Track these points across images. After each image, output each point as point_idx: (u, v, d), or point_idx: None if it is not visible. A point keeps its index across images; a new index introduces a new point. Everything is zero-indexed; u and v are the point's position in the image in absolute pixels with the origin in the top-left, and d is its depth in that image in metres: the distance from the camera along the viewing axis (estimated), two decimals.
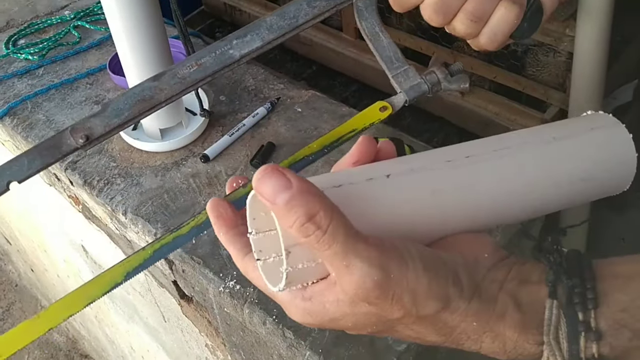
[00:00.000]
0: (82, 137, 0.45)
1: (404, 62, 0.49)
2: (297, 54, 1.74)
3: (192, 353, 1.04)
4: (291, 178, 0.35)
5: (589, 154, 0.43)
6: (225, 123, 0.97)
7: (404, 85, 0.49)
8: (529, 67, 1.37)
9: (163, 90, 0.46)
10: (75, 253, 1.25)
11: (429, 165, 0.41)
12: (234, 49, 0.47)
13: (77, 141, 0.45)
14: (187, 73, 0.46)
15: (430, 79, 0.49)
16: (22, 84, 1.10)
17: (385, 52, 0.50)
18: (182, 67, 0.46)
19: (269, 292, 0.39)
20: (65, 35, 1.19)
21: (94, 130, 0.45)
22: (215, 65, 0.47)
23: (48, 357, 1.90)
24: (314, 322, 0.38)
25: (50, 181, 1.06)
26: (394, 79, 0.49)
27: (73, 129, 0.45)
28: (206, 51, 0.47)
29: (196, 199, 0.86)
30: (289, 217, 0.34)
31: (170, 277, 0.87)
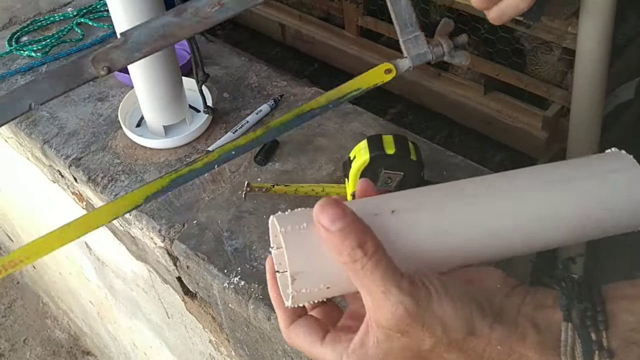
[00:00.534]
0: (104, 68, 0.46)
1: (417, 28, 0.51)
2: (299, 52, 1.74)
3: (195, 349, 1.04)
4: (346, 209, 0.39)
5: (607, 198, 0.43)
6: (228, 120, 0.98)
7: (411, 51, 0.50)
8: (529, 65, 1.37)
9: (184, 27, 0.46)
10: (79, 250, 1.25)
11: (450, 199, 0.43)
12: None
13: (98, 71, 0.46)
14: (208, 12, 0.46)
15: (436, 50, 0.51)
16: (25, 80, 1.10)
17: (402, 14, 0.51)
18: (204, 5, 0.46)
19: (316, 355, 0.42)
20: (68, 32, 1.19)
21: (115, 62, 0.46)
22: (237, 5, 0.47)
23: (50, 353, 1.91)
24: None
25: (54, 178, 1.07)
26: (404, 43, 0.51)
27: (95, 59, 0.45)
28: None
29: (200, 195, 0.86)
30: (342, 243, 0.38)
31: (174, 273, 0.87)
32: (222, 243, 0.79)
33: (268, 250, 0.77)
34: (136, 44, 0.46)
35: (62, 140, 0.97)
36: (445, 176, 0.84)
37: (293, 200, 0.83)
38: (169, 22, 0.46)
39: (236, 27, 1.91)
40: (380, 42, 1.58)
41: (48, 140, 0.98)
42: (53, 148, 0.97)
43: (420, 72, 1.50)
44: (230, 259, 0.77)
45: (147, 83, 0.89)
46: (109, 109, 1.03)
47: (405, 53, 0.51)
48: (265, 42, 1.82)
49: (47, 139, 0.98)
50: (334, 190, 0.82)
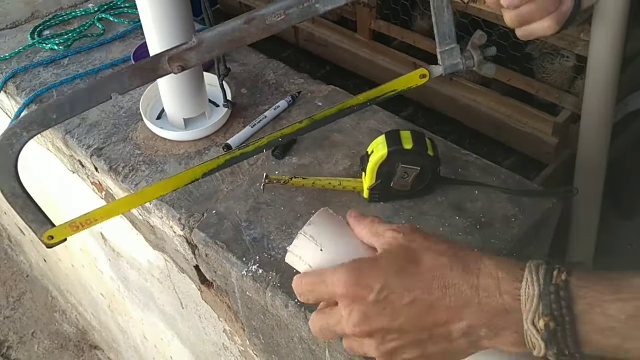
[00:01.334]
0: (179, 67, 0.51)
1: (454, 41, 0.56)
2: (312, 54, 1.77)
3: (208, 340, 1.06)
4: (369, 216, 0.57)
5: None
6: (246, 115, 1.00)
7: (446, 61, 0.56)
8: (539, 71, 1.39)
9: (251, 33, 0.51)
10: (93, 241, 1.27)
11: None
12: (320, 4, 0.51)
13: (173, 69, 0.51)
14: (274, 21, 0.51)
15: (467, 62, 0.55)
16: (48, 72, 1.12)
17: (443, 27, 0.56)
18: (270, 14, 0.51)
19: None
20: (89, 27, 1.22)
21: (189, 62, 0.51)
22: (299, 16, 0.51)
23: (57, 347, 1.92)
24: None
25: (73, 168, 1.09)
26: (440, 54, 0.56)
27: (171, 58, 0.50)
28: (294, 2, 0.51)
29: (219, 186, 0.88)
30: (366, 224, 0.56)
31: (192, 262, 0.89)
32: (240, 232, 0.81)
33: (286, 241, 0.79)
34: (208, 47, 0.51)
35: (84, 131, 1.00)
36: (459, 173, 0.86)
37: (310, 193, 0.85)
38: (239, 28, 0.51)
39: None
40: (392, 46, 1.60)
41: (70, 130, 1.00)
42: (75, 138, 0.99)
43: None
44: (248, 248, 0.79)
45: (170, 77, 0.91)
46: (129, 102, 1.05)
47: (440, 62, 0.57)
48: (278, 44, 1.85)
49: (69, 129, 1.00)
50: (350, 184, 0.84)
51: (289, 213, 0.83)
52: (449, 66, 0.57)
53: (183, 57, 0.51)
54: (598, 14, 1.16)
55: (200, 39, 0.51)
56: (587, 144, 1.33)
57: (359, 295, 0.50)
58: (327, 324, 0.53)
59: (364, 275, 0.50)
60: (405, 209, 0.82)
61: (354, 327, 0.50)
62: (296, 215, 0.82)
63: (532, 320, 0.46)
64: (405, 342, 0.50)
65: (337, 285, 0.51)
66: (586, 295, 0.45)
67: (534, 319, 0.46)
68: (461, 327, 0.48)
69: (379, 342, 0.51)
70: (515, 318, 0.47)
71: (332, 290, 0.51)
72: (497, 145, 1.45)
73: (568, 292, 0.45)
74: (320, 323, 0.54)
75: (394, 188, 0.80)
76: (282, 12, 0.51)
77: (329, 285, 0.51)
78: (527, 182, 0.85)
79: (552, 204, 0.82)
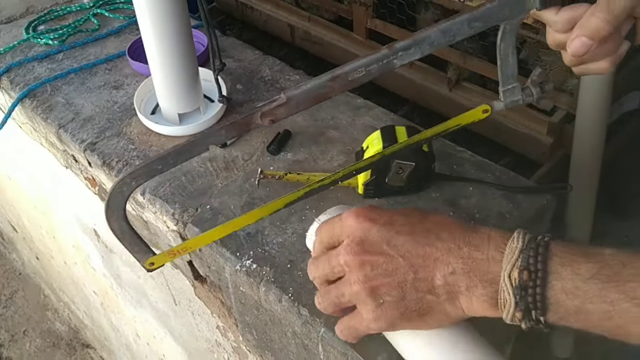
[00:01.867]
0: (270, 121, 0.56)
1: (516, 80, 0.60)
2: (308, 53, 1.76)
3: (201, 336, 1.05)
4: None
5: None
6: (241, 111, 0.99)
7: (507, 98, 0.61)
8: None
9: (334, 89, 0.55)
10: (86, 237, 1.26)
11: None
12: (398, 59, 0.55)
13: (264, 122, 0.57)
14: (355, 77, 0.55)
15: (527, 98, 0.61)
16: (42, 67, 1.12)
17: (507, 70, 0.60)
18: (353, 71, 0.55)
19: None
20: (84, 22, 1.21)
21: (278, 116, 0.57)
22: (378, 71, 0.55)
23: (49, 345, 1.91)
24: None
25: (66, 163, 1.08)
26: (503, 92, 0.61)
27: (263, 114, 0.56)
28: (374, 59, 0.55)
29: (213, 181, 0.88)
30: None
31: (185, 257, 0.89)
32: None
33: (280, 236, 0.79)
34: (296, 103, 0.56)
35: (78, 126, 0.99)
36: (454, 169, 0.86)
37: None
38: (325, 85, 0.55)
39: (245, 27, 1.93)
40: None
41: (64, 125, 1.00)
42: (68, 133, 0.98)
43: (428, 76, 1.52)
44: (242, 243, 0.79)
45: (165, 71, 0.91)
46: (123, 97, 1.04)
47: (501, 98, 0.61)
48: (274, 42, 1.84)
49: (62, 123, 1.00)
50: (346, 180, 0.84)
51: (283, 209, 0.82)
52: (509, 102, 0.61)
53: (274, 113, 0.57)
54: None
55: (289, 96, 0.56)
56: (582, 144, 1.33)
57: (368, 218, 0.57)
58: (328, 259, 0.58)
59: (376, 209, 0.58)
60: (399, 204, 0.82)
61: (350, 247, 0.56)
62: (290, 210, 0.82)
63: (509, 273, 0.50)
64: (391, 280, 0.54)
65: (349, 215, 0.57)
66: (562, 255, 0.49)
67: (511, 272, 0.49)
68: (445, 273, 0.53)
69: (366, 275, 0.55)
70: (495, 272, 0.51)
71: (344, 222, 0.58)
72: (492, 145, 1.45)
73: (547, 250, 0.49)
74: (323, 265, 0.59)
75: (388, 184, 0.80)
76: (364, 69, 0.54)
77: (343, 219, 0.58)
78: (521, 179, 0.85)
79: (547, 200, 0.82)
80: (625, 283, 0.46)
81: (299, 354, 0.77)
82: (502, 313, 0.51)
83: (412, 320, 0.55)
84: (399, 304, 0.55)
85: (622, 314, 0.46)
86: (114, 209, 0.60)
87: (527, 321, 0.50)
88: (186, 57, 0.91)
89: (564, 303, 0.48)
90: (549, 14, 0.58)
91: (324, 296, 0.60)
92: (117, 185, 0.59)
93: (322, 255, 0.61)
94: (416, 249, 0.54)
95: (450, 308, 0.54)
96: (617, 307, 0.46)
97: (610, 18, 0.56)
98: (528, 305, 0.49)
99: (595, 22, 0.57)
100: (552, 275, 0.48)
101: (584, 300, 0.47)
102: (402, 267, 0.54)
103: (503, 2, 0.56)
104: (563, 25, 0.58)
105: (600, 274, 0.47)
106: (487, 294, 0.51)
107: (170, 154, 0.59)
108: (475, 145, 1.44)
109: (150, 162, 0.59)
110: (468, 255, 0.52)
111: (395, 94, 1.61)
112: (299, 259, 0.75)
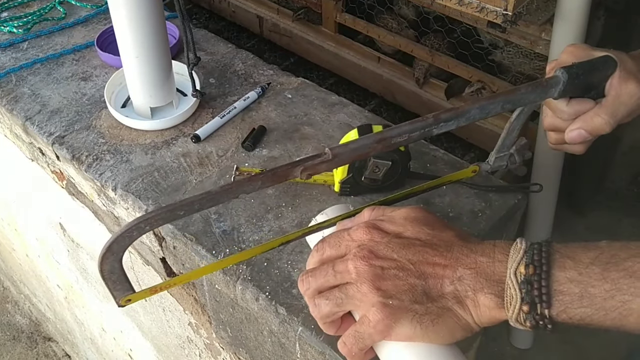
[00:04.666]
0: (308, 175, 0.57)
1: (508, 150, 0.69)
2: (276, 45, 1.76)
3: (171, 332, 1.04)
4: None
5: None
6: (215, 105, 0.98)
7: (496, 162, 0.70)
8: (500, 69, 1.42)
9: (376, 149, 0.58)
10: (51, 231, 1.24)
11: None
12: (437, 129, 0.58)
13: (303, 177, 0.57)
14: (398, 140, 0.58)
15: (511, 166, 0.70)
16: (6, 57, 1.08)
17: (507, 142, 0.68)
18: (397, 136, 0.58)
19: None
20: (50, 10, 1.18)
21: (318, 171, 0.57)
22: (418, 137, 0.58)
23: (9, 339, 1.87)
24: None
25: (32, 156, 1.05)
26: (496, 158, 0.69)
27: (304, 169, 0.56)
28: (419, 126, 0.58)
29: (187, 177, 0.87)
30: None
31: (158, 254, 0.88)
32: (210, 225, 0.80)
33: (256, 233, 0.79)
34: (339, 161, 0.57)
35: (45, 118, 0.97)
36: (428, 168, 0.87)
37: (280, 186, 0.84)
38: (368, 145, 0.58)
39: (212, 17, 1.91)
40: (357, 39, 1.61)
41: (30, 117, 0.97)
42: (35, 125, 0.96)
43: (396, 71, 1.54)
44: (218, 240, 0.78)
45: (139, 64, 0.89)
46: (92, 89, 1.02)
47: (490, 161, 0.70)
48: (242, 33, 1.83)
49: (29, 115, 0.97)
50: (322, 177, 0.84)
51: (259, 206, 0.82)
52: (497, 166, 0.69)
53: (316, 168, 0.56)
54: (559, 14, 1.18)
55: (335, 153, 0.56)
56: (544, 143, 1.36)
57: (378, 230, 0.59)
58: (332, 266, 0.59)
59: (383, 220, 0.60)
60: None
61: (361, 254, 0.56)
62: (266, 208, 0.82)
63: (515, 270, 0.52)
64: (402, 283, 0.55)
65: (359, 227, 0.59)
66: (563, 250, 0.52)
67: (517, 269, 0.52)
68: (454, 278, 0.55)
69: (376, 274, 0.55)
70: (500, 272, 0.53)
71: (353, 234, 0.59)
72: (457, 140, 1.48)
73: (549, 247, 0.52)
74: (324, 273, 0.59)
75: (365, 182, 0.81)
76: (407, 135, 0.57)
77: (352, 232, 0.59)
78: (493, 179, 0.87)
79: (517, 200, 0.84)
80: (624, 262, 0.49)
81: (275, 352, 0.77)
82: (508, 312, 0.52)
83: (422, 326, 0.54)
84: (408, 307, 0.54)
85: (624, 290, 0.48)
86: (114, 251, 0.54)
87: (532, 317, 0.51)
88: (160, 49, 0.89)
89: (568, 291, 0.50)
90: (560, 104, 0.67)
91: (323, 300, 0.58)
92: (128, 230, 0.53)
93: (321, 266, 0.60)
94: (426, 258, 0.56)
95: (461, 313, 0.54)
96: (618, 284, 0.49)
97: (613, 122, 0.65)
98: (534, 299, 0.51)
99: (599, 123, 0.66)
100: (556, 267, 0.51)
101: (586, 285, 0.49)
102: (413, 273, 0.55)
103: (533, 90, 0.63)
104: (569, 116, 0.67)
105: (599, 259, 0.50)
106: (493, 292, 0.53)
107: (198, 200, 0.54)
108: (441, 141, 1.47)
109: (173, 206, 0.54)
110: (474, 261, 0.55)
111: (364, 89, 1.62)
112: (276, 257, 0.75)
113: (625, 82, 0.65)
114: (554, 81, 0.64)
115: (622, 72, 0.65)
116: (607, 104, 0.66)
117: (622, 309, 0.48)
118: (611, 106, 0.66)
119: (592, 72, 0.66)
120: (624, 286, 0.48)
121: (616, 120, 0.66)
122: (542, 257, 0.51)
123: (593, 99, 0.67)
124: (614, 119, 0.66)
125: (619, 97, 0.65)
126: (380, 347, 0.58)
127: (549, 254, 0.52)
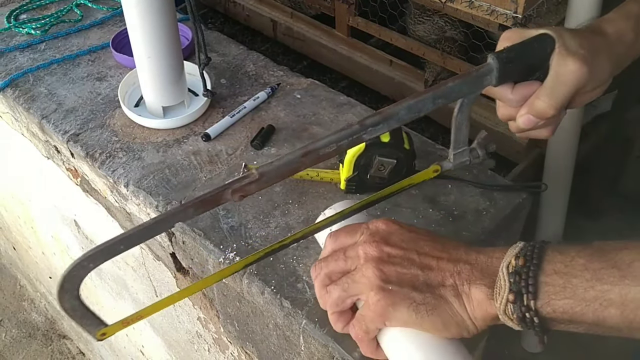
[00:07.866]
0: (240, 196, 0.56)
1: (465, 145, 0.66)
2: (289, 48, 1.77)
3: (181, 328, 1.06)
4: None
5: None
6: (225, 105, 1.00)
7: (456, 159, 0.66)
8: None
9: (305, 163, 0.57)
10: (66, 228, 1.26)
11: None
12: (367, 134, 0.57)
13: (234, 198, 0.56)
14: (326, 151, 0.57)
15: (474, 160, 0.66)
16: (24, 57, 1.11)
17: (459, 136, 0.65)
18: (324, 147, 0.56)
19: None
20: (67, 12, 1.21)
21: (248, 192, 0.56)
22: (347, 146, 0.57)
23: (25, 336, 1.90)
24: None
25: (48, 154, 1.08)
26: (454, 155, 0.66)
27: (234, 191, 0.56)
28: (345, 134, 0.57)
29: (197, 175, 0.89)
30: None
31: (168, 250, 0.90)
32: (218, 221, 0.82)
33: (263, 229, 0.80)
34: (267, 179, 0.56)
35: (61, 117, 0.99)
36: None
37: (288, 184, 0.86)
38: (296, 160, 0.56)
39: (227, 21, 1.93)
40: (370, 43, 1.62)
41: (46, 115, 1.00)
42: (51, 123, 0.98)
43: (408, 75, 1.55)
44: (226, 236, 0.80)
45: (151, 64, 0.91)
46: (107, 89, 1.05)
47: (451, 159, 0.67)
48: (256, 37, 1.85)
49: (45, 114, 1.00)
50: (328, 175, 0.85)
51: (267, 203, 0.84)
52: (458, 163, 0.66)
53: (245, 189, 0.56)
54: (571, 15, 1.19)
55: (261, 172, 0.56)
56: (556, 144, 1.36)
57: (395, 222, 0.61)
58: (344, 251, 0.61)
59: (397, 221, 0.62)
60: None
61: (373, 239, 0.59)
62: (274, 205, 0.83)
63: (508, 263, 0.53)
64: (405, 271, 0.57)
65: (379, 220, 0.62)
66: (556, 247, 0.54)
67: (510, 262, 0.53)
68: (453, 272, 0.56)
69: (381, 259, 0.58)
70: (495, 266, 0.55)
71: (371, 225, 0.61)
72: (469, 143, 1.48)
73: (544, 244, 0.54)
74: (336, 259, 0.61)
75: (370, 180, 0.82)
76: (335, 145, 0.56)
77: (370, 224, 0.62)
78: (498, 178, 0.88)
79: (522, 199, 0.84)
80: (608, 254, 0.50)
81: (280, 345, 0.78)
82: (497, 302, 0.53)
83: (418, 315, 0.56)
84: (407, 295, 0.56)
85: (604, 279, 0.49)
86: (67, 290, 0.56)
87: (519, 308, 0.52)
88: (172, 50, 0.91)
89: (553, 282, 0.51)
90: (504, 91, 0.63)
91: (332, 286, 0.60)
92: (73, 269, 0.55)
93: (333, 252, 0.62)
94: (432, 252, 0.59)
95: (457, 307, 0.56)
96: (599, 274, 0.49)
97: (555, 103, 0.62)
98: (520, 289, 0.52)
99: (541, 106, 0.63)
100: (545, 261, 0.52)
101: (570, 276, 0.51)
102: (417, 264, 0.58)
103: (463, 81, 0.60)
104: (517, 102, 0.64)
105: (584, 251, 0.52)
106: (485, 284, 0.55)
107: (135, 234, 0.55)
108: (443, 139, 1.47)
109: (111, 243, 0.55)
110: (475, 258, 0.57)
111: (375, 92, 1.63)
112: (281, 252, 0.77)
113: (563, 60, 0.60)
114: (485, 69, 0.61)
115: (560, 49, 0.60)
116: (546, 85, 0.62)
117: (602, 299, 0.49)
118: (550, 87, 0.61)
119: (528, 53, 0.61)
120: (604, 276, 0.49)
121: (558, 101, 0.61)
122: (534, 251, 0.53)
123: (541, 80, 0.63)
124: (555, 100, 0.61)
125: (558, 77, 0.61)
126: (384, 341, 0.60)
127: (541, 249, 0.53)
